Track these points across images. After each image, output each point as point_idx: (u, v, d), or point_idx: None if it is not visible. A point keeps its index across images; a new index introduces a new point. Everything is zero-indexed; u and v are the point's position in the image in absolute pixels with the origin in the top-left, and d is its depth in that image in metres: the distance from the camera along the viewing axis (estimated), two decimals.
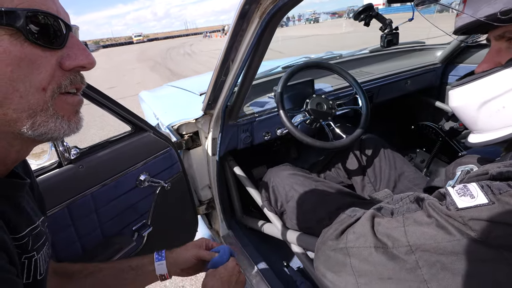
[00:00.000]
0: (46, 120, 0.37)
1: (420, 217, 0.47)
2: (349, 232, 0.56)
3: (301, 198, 1.07)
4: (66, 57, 0.38)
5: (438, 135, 1.51)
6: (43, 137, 0.38)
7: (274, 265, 1.29)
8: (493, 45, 0.59)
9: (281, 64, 1.66)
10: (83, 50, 0.39)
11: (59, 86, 0.37)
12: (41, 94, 0.36)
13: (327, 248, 0.59)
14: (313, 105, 1.24)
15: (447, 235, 0.42)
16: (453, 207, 0.43)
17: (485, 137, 0.60)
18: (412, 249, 0.45)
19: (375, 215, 0.54)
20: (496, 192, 0.41)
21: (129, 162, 0.96)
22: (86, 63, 0.39)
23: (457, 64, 1.80)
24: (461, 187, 0.45)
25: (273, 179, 1.17)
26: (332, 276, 0.56)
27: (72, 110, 0.41)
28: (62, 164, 0.81)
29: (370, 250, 0.50)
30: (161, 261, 0.73)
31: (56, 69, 0.37)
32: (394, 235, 0.48)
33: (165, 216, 1.12)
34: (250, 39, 0.81)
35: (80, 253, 0.87)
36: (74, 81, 0.39)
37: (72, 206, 0.82)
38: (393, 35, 1.25)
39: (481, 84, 0.58)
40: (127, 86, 8.53)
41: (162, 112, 1.48)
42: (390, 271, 0.47)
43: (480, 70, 0.60)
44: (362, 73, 1.66)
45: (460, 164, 0.78)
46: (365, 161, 1.30)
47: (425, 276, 0.44)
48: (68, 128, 0.40)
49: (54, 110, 0.38)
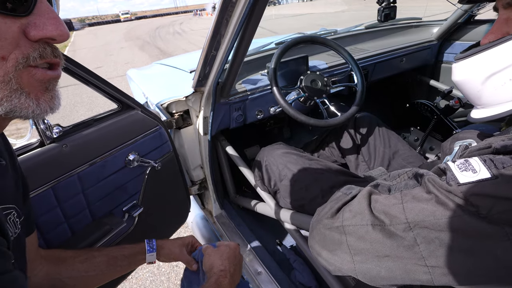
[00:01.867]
0: (9, 94, 0.33)
1: (419, 193, 0.46)
2: (345, 210, 0.55)
3: (295, 176, 1.05)
4: (32, 26, 0.33)
5: (433, 113, 1.50)
6: (11, 115, 0.34)
7: (267, 244, 1.30)
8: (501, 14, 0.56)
9: (275, 40, 1.60)
10: (54, 19, 0.34)
11: (25, 57, 0.33)
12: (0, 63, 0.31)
13: (322, 227, 0.58)
14: (307, 82, 1.20)
15: (447, 211, 0.41)
16: (454, 182, 0.41)
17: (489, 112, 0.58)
18: (410, 226, 0.44)
19: (372, 192, 0.52)
20: (500, 166, 0.39)
21: (116, 141, 0.92)
22: (55, 34, 0.34)
23: (453, 42, 1.77)
24: (462, 162, 0.43)
25: (267, 158, 1.15)
26: (328, 254, 0.56)
27: (39, 86, 0.36)
28: (44, 143, 0.77)
29: (367, 228, 0.49)
30: (152, 252, 0.80)
31: (21, 38, 0.32)
32: (392, 212, 0.47)
33: (156, 197, 1.10)
34: (242, 11, 0.77)
35: (69, 234, 0.84)
36: (43, 54, 0.34)
37: (57, 187, 0.78)
38: (390, 9, 1.21)
39: (486, 56, 0.55)
40: (115, 66, 8.28)
41: (151, 90, 1.42)
42: (387, 248, 0.46)
43: (486, 41, 0.57)
44: (357, 50, 1.62)
45: (457, 139, 0.77)
46: (359, 140, 1.29)
47: (423, 253, 0.43)
48: (38, 107, 0.35)
49: (17, 84, 0.33)
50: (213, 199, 1.44)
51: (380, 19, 1.21)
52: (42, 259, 0.65)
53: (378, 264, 0.47)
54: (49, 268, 0.65)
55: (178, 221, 1.29)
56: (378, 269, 0.47)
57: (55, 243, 0.81)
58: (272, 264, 1.18)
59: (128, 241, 0.99)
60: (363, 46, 1.68)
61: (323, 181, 1.01)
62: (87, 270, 0.69)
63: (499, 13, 0.56)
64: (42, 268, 0.64)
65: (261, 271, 1.14)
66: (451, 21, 1.68)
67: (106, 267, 0.71)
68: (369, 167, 1.22)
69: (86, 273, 0.68)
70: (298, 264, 1.16)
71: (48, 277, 0.64)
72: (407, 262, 0.44)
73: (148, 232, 1.10)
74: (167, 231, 1.24)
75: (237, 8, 0.77)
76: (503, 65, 0.52)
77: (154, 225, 1.13)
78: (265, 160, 1.15)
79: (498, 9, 0.56)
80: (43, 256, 0.66)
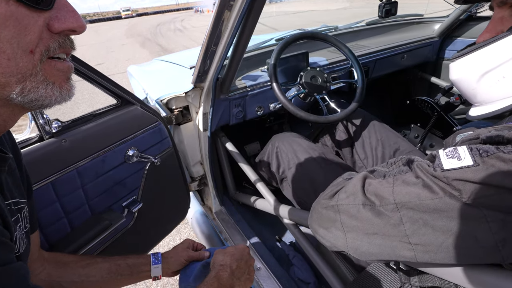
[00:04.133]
0: (37, 86, 0.35)
1: (408, 178, 0.49)
2: (341, 191, 0.58)
3: (303, 166, 1.08)
4: (55, 19, 0.35)
5: (434, 110, 1.49)
6: (34, 104, 0.36)
7: (266, 240, 1.30)
8: (496, 13, 0.57)
9: (275, 36, 1.60)
10: (73, 12, 0.37)
11: (47, 49, 0.35)
12: (29, 56, 0.34)
13: (319, 206, 0.62)
14: (308, 78, 1.20)
15: (431, 194, 0.44)
16: (439, 168, 0.45)
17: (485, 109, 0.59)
18: (397, 207, 0.48)
19: (367, 177, 0.56)
20: (484, 154, 0.42)
21: (115, 137, 0.92)
22: (76, 26, 0.37)
23: (455, 38, 1.76)
24: (451, 150, 0.46)
25: (278, 144, 1.18)
26: (323, 231, 0.60)
27: (63, 76, 0.39)
28: (43, 138, 0.77)
29: (358, 207, 0.53)
30: (158, 264, 0.76)
31: (43, 31, 0.34)
32: (382, 194, 0.50)
33: (156, 192, 1.10)
34: (241, 6, 0.77)
35: (68, 229, 0.85)
36: (63, 44, 0.37)
37: (57, 182, 0.78)
38: (391, 5, 1.20)
39: (480, 54, 0.56)
40: (116, 63, 8.26)
41: (151, 86, 1.42)
42: (376, 226, 0.50)
43: (481, 40, 0.58)
44: (358, 46, 1.61)
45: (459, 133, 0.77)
46: (352, 136, 1.28)
47: (407, 231, 0.47)
48: (60, 95, 0.38)
49: (44, 75, 0.36)
50: (213, 195, 1.44)
51: (381, 15, 1.20)
52: (44, 261, 0.64)
53: (367, 241, 0.51)
54: (51, 270, 0.64)
55: (178, 217, 1.29)
56: (368, 245, 0.52)
57: (54, 238, 0.81)
58: (271, 260, 1.18)
59: (128, 237, 1.00)
60: (364, 43, 1.67)
61: (328, 174, 1.03)
62: (89, 275, 0.68)
63: (494, 11, 0.56)
64: (43, 270, 0.63)
65: (260, 267, 1.14)
66: (452, 17, 1.66)
67: (108, 274, 0.70)
68: (366, 166, 1.21)
69: (87, 278, 0.67)
70: (297, 260, 1.16)
71: (49, 280, 0.63)
72: (393, 239, 0.48)
73: (147, 228, 1.10)
74: (167, 227, 1.24)
75: (236, 3, 0.77)
76: (496, 63, 0.53)
77: (153, 220, 1.13)
78: (277, 146, 1.18)
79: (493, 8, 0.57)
80: (46, 258, 0.65)
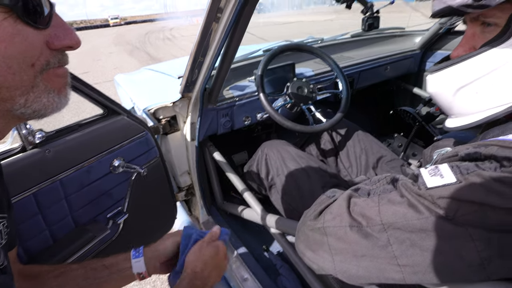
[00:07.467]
0: (39, 95, 0.37)
1: (394, 197, 0.49)
2: (327, 212, 0.57)
3: (290, 173, 1.09)
4: (54, 37, 0.37)
5: (415, 120, 1.54)
6: (35, 114, 0.38)
7: (254, 250, 1.29)
8: (468, 28, 0.59)
9: (262, 47, 1.62)
10: (70, 30, 0.39)
11: (47, 63, 0.37)
12: (31, 70, 0.35)
13: (306, 228, 0.61)
14: (294, 89, 1.22)
15: (417, 213, 0.44)
16: (424, 186, 0.44)
17: (461, 122, 0.61)
18: (384, 227, 0.47)
19: (352, 196, 0.55)
20: (464, 172, 0.42)
21: (101, 147, 0.91)
22: (73, 43, 0.39)
23: (435, 51, 1.83)
24: (433, 168, 0.46)
25: (268, 151, 1.19)
26: (311, 254, 0.58)
27: (62, 82, 0.40)
28: (26, 149, 0.76)
29: (345, 229, 0.51)
30: (138, 258, 0.65)
31: (44, 48, 0.36)
32: (368, 214, 0.49)
33: (142, 203, 1.08)
34: (229, 17, 0.78)
35: (50, 242, 0.82)
36: (62, 60, 0.39)
37: (39, 193, 0.77)
38: (374, 19, 1.25)
39: (455, 70, 0.58)
40: (103, 71, 8.16)
41: (138, 96, 1.41)
42: (364, 248, 0.49)
43: (455, 55, 0.60)
44: (343, 58, 1.65)
45: (437, 148, 0.80)
46: (337, 146, 1.31)
47: (395, 252, 0.46)
48: (60, 101, 0.39)
49: (44, 84, 0.37)
50: (200, 205, 1.43)
51: (365, 28, 1.25)
52: (18, 275, 0.60)
53: (356, 263, 0.50)
54: (21, 284, 0.60)
55: (165, 228, 1.27)
56: (356, 268, 0.50)
57: (35, 251, 0.79)
58: (259, 270, 1.17)
59: (113, 249, 0.98)
60: (349, 54, 1.72)
61: (314, 182, 1.05)
62: (61, 285, 0.62)
63: (467, 27, 0.59)
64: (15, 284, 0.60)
65: (247, 277, 1.14)
66: (432, 31, 1.74)
67: (84, 280, 0.64)
68: (350, 175, 1.24)
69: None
70: (285, 270, 1.16)
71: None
72: (382, 261, 0.47)
73: (133, 239, 1.08)
74: (153, 238, 1.21)
75: (223, 16, 0.79)
76: (469, 79, 0.55)
77: (139, 231, 1.11)
78: (266, 153, 1.19)
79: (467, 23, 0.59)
80: (19, 271, 0.61)
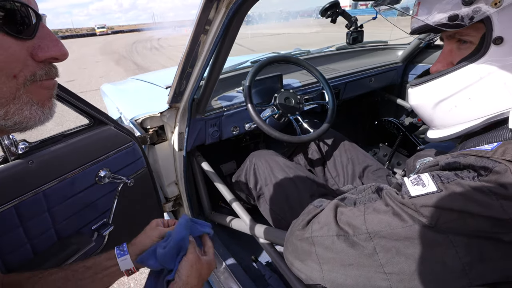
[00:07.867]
0: (21, 107, 0.36)
1: (379, 206, 0.50)
2: (314, 222, 0.58)
3: (279, 183, 1.09)
4: (38, 48, 0.36)
5: (399, 130, 1.59)
6: (17, 127, 0.37)
7: (242, 261, 1.28)
8: (446, 45, 0.62)
9: (250, 58, 1.65)
10: (56, 41, 0.38)
11: (33, 74, 0.36)
12: (12, 81, 0.34)
13: (294, 238, 0.61)
14: (281, 100, 1.24)
15: (401, 222, 0.45)
16: (407, 195, 0.46)
17: (441, 133, 0.64)
18: (370, 236, 0.48)
19: (339, 205, 0.56)
20: (445, 181, 0.44)
21: (87, 157, 0.89)
22: (59, 54, 0.38)
23: (417, 64, 1.90)
24: (415, 177, 0.48)
25: (256, 161, 1.19)
26: (299, 264, 0.59)
27: (47, 94, 0.39)
28: (8, 160, 0.74)
29: (332, 239, 0.52)
30: (125, 255, 0.66)
31: (28, 59, 0.36)
32: (355, 223, 0.50)
33: (128, 214, 1.06)
34: (217, 30, 0.79)
35: (31, 256, 0.80)
36: (49, 72, 0.38)
37: (21, 205, 0.74)
38: (358, 33, 1.29)
39: (435, 84, 0.61)
40: (89, 80, 8.05)
41: (125, 106, 1.40)
42: (351, 257, 0.49)
43: (434, 70, 0.63)
44: (329, 69, 1.70)
45: (419, 157, 0.83)
46: (324, 155, 1.33)
47: (381, 260, 0.46)
48: (43, 114, 0.38)
49: (28, 96, 0.36)
50: None
51: (349, 42, 1.29)
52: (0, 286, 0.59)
53: (343, 272, 0.50)
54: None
55: None
56: (344, 277, 0.50)
57: (16, 265, 0.76)
58: (247, 281, 1.16)
59: None
60: (334, 66, 1.77)
61: (302, 191, 1.06)
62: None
63: (444, 43, 0.62)
64: None
65: None
66: (413, 45, 1.81)
67: (64, 284, 0.62)
68: (337, 183, 1.26)
69: None
70: (273, 280, 1.15)
71: None
72: (369, 269, 0.48)
73: None
74: None
75: (212, 29, 0.80)
76: (448, 93, 0.58)
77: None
78: (255, 163, 1.19)
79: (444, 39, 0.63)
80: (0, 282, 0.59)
